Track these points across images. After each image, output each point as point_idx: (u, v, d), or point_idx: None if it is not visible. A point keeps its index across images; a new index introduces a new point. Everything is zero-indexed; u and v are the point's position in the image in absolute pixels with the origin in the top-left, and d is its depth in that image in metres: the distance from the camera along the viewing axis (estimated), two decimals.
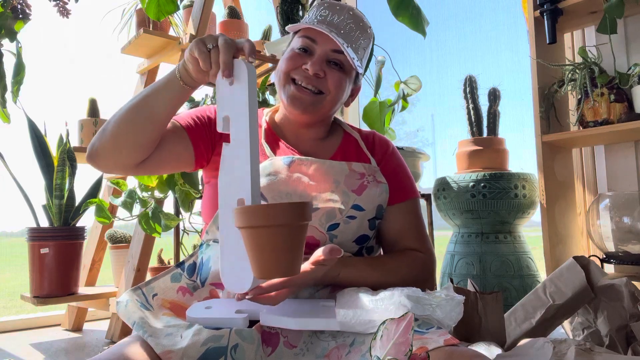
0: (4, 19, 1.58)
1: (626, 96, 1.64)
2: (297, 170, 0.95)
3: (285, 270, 0.70)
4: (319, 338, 0.81)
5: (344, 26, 0.97)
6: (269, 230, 0.68)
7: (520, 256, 1.95)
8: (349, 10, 0.99)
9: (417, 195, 1.06)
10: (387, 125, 2.04)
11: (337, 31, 0.96)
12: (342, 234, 0.94)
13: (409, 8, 1.75)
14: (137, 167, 0.90)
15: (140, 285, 0.89)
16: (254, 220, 0.69)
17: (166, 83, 0.86)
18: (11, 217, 7.08)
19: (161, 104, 0.86)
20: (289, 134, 1.04)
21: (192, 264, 0.96)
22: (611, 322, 1.17)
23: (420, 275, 0.97)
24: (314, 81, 0.95)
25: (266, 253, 0.69)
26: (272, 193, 0.91)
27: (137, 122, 0.86)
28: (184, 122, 0.96)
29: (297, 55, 0.96)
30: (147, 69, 2.59)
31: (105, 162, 0.89)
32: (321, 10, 0.99)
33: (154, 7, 1.73)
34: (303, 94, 0.95)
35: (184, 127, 0.95)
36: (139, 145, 0.87)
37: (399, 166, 1.07)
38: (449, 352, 0.66)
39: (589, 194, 1.93)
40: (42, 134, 2.03)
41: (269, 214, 0.68)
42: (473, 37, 2.83)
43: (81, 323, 2.28)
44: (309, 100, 0.96)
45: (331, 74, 0.96)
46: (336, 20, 0.97)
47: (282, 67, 0.98)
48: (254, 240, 0.69)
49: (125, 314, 0.81)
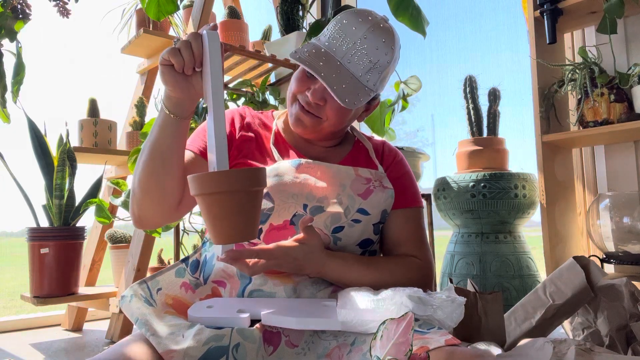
0: (4, 19, 1.58)
1: (626, 96, 1.64)
2: (305, 172, 0.95)
3: (241, 235, 0.72)
4: (320, 338, 0.81)
5: (352, 54, 0.92)
6: (221, 197, 0.69)
7: (520, 256, 1.95)
8: (370, 29, 0.93)
9: (421, 205, 1.06)
10: (387, 125, 2.04)
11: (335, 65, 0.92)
12: (346, 237, 0.94)
13: (409, 8, 1.75)
14: (177, 209, 0.92)
15: (145, 279, 0.89)
16: (206, 188, 0.70)
17: (160, 123, 0.86)
18: (11, 217, 7.08)
19: (166, 146, 0.86)
20: (300, 140, 1.05)
21: (196, 261, 0.96)
22: (611, 322, 1.17)
23: (415, 280, 0.96)
24: (313, 108, 0.96)
25: (220, 219, 0.70)
26: (279, 194, 0.91)
27: (156, 172, 0.87)
28: (196, 149, 0.96)
29: (304, 78, 0.97)
30: (147, 69, 2.60)
31: (152, 221, 0.92)
32: (337, 29, 0.95)
33: (154, 7, 1.73)
34: (305, 116, 0.97)
35: (199, 154, 0.96)
36: (169, 191, 0.88)
37: (406, 174, 1.07)
38: (450, 351, 0.66)
39: (589, 194, 1.93)
40: (42, 134, 2.03)
41: (221, 181, 0.69)
42: (473, 37, 2.83)
43: (81, 323, 2.28)
44: (310, 123, 0.97)
45: (332, 102, 0.95)
46: (346, 46, 0.93)
47: (292, 87, 0.99)
48: (209, 207, 0.71)
49: (129, 310, 0.82)
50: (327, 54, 0.93)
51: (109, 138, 2.27)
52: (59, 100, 24.39)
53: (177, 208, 0.91)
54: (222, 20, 2.40)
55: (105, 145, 2.25)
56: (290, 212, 0.92)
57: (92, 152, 2.19)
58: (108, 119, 2.29)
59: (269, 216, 0.91)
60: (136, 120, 2.35)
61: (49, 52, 24.81)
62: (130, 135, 2.34)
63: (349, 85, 0.91)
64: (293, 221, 0.92)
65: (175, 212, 0.91)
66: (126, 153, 2.21)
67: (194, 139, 0.98)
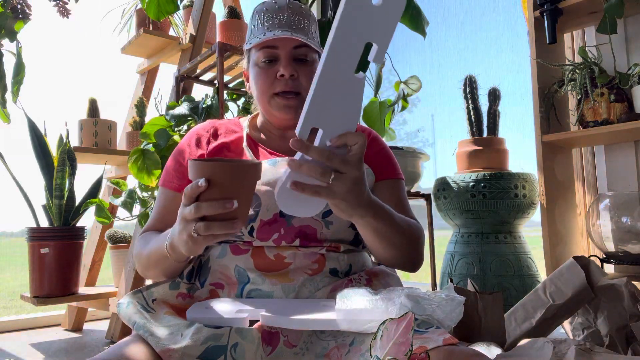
0: (4, 19, 1.58)
1: (626, 96, 1.64)
2: (283, 168, 0.96)
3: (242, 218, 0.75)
4: (318, 338, 0.81)
5: (293, 22, 0.98)
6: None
7: (520, 256, 1.95)
8: (288, 5, 1.00)
9: (401, 177, 1.07)
10: (387, 125, 2.04)
11: (291, 30, 0.97)
12: (337, 220, 0.95)
13: (409, 8, 1.75)
14: None
15: (141, 288, 0.89)
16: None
17: (160, 258, 0.89)
18: (11, 217, 7.09)
19: (168, 266, 0.90)
20: (272, 138, 1.06)
21: (190, 269, 0.96)
22: (611, 322, 1.17)
23: (422, 241, 0.97)
24: (291, 84, 0.97)
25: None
26: (264, 193, 0.93)
27: (160, 275, 0.94)
28: (173, 186, 1.00)
29: (266, 69, 0.98)
30: (147, 69, 2.60)
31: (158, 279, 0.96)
32: (265, 17, 0.99)
33: (154, 7, 1.73)
34: (290, 100, 0.98)
35: (178, 190, 0.99)
36: (175, 274, 0.94)
37: (383, 149, 1.08)
38: (448, 351, 0.66)
39: (589, 194, 1.93)
40: (42, 134, 2.03)
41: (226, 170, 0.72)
42: (473, 37, 2.84)
43: (81, 323, 2.28)
44: (295, 102, 0.98)
45: (302, 71, 0.98)
46: (284, 19, 0.98)
47: (259, 87, 0.99)
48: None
49: (126, 315, 0.81)
50: (275, 26, 0.97)
51: (109, 138, 2.28)
52: (59, 100, 24.45)
53: None
54: (222, 20, 2.40)
55: (105, 145, 2.25)
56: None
57: (92, 152, 2.20)
58: (108, 119, 2.29)
59: (257, 212, 0.92)
60: (136, 120, 2.35)
61: (49, 52, 24.87)
62: (130, 135, 2.34)
63: (308, 40, 0.97)
64: (282, 213, 0.92)
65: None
66: (126, 153, 2.21)
67: (168, 176, 1.01)
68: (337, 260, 0.95)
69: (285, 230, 0.92)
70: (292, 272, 0.91)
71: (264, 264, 0.91)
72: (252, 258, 0.91)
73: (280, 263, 0.91)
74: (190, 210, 0.73)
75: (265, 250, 0.92)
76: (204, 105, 1.90)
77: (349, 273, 0.96)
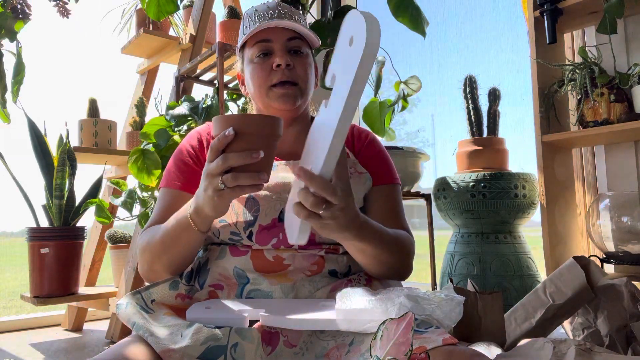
0: (4, 19, 1.58)
1: (626, 96, 1.64)
2: (282, 173, 0.97)
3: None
4: (318, 338, 0.81)
5: (284, 15, 0.99)
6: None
7: (520, 256, 1.95)
8: (278, 4, 1.01)
9: (397, 182, 1.06)
10: (387, 125, 2.04)
11: (283, 19, 0.98)
12: None
13: (408, 8, 1.75)
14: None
15: (139, 289, 0.89)
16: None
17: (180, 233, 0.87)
18: (11, 217, 7.09)
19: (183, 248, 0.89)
20: None
21: (190, 271, 0.96)
22: (611, 322, 1.17)
23: (412, 253, 0.97)
24: (287, 74, 0.97)
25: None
26: (263, 198, 0.93)
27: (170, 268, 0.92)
28: (177, 186, 0.99)
29: (261, 63, 0.98)
30: (147, 69, 2.60)
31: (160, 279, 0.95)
32: (256, 16, 1.00)
33: (154, 7, 1.73)
34: (288, 89, 0.97)
35: (182, 189, 0.98)
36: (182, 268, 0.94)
37: (380, 152, 1.07)
38: (448, 351, 0.66)
39: (589, 194, 1.93)
40: (42, 134, 2.03)
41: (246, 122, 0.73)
42: (473, 37, 2.83)
43: (81, 323, 2.28)
44: (293, 91, 0.98)
45: (297, 62, 0.99)
46: (275, 14, 0.99)
47: (256, 81, 0.99)
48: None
49: (125, 316, 0.81)
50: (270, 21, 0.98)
51: (109, 138, 2.27)
52: (59, 100, 24.46)
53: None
54: (222, 20, 2.40)
55: (105, 145, 2.25)
56: (277, 210, 0.93)
57: (92, 152, 2.20)
58: (108, 119, 2.29)
59: (256, 217, 0.92)
60: (136, 120, 2.35)
61: (49, 52, 24.90)
62: (130, 135, 2.34)
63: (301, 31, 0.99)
64: (281, 217, 0.92)
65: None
66: (126, 153, 2.21)
67: (171, 175, 1.01)
68: (336, 262, 0.95)
69: (284, 235, 0.92)
70: (291, 273, 0.91)
71: (263, 265, 0.91)
72: (251, 259, 0.92)
73: (279, 264, 0.91)
74: (217, 163, 0.73)
75: (264, 252, 0.92)
76: (204, 105, 1.90)
77: (348, 274, 0.96)
